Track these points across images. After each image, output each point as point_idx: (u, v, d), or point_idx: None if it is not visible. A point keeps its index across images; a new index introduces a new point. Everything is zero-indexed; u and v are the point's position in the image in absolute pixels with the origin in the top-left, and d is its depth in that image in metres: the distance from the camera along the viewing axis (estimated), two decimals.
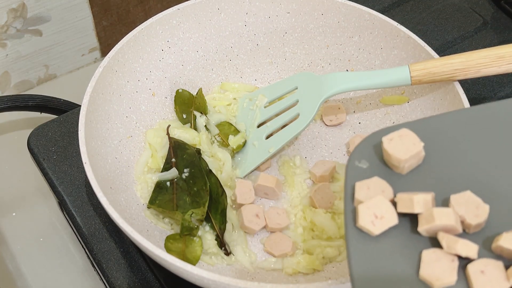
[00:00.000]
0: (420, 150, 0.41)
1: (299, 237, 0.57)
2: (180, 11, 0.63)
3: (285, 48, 0.69)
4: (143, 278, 0.56)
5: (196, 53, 0.66)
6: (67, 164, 0.63)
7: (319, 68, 0.68)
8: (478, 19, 0.79)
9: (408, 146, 0.41)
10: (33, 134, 0.65)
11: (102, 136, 0.57)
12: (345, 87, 0.58)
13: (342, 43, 0.66)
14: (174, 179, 0.58)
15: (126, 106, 0.61)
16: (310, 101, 0.59)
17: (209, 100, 0.66)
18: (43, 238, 0.69)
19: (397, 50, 0.63)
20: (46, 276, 0.66)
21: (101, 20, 0.84)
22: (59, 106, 0.73)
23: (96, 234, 0.58)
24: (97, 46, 0.87)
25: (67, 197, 0.61)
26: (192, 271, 0.45)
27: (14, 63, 0.81)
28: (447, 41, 0.76)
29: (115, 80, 0.60)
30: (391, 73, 0.56)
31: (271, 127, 0.62)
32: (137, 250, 0.57)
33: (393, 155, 0.41)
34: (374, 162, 0.43)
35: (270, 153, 0.60)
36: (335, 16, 0.65)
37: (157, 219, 0.57)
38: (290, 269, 0.55)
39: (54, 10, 0.79)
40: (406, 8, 0.80)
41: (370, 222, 0.39)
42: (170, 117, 0.65)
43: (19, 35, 0.78)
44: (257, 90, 0.67)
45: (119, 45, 0.60)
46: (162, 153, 0.61)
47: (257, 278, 0.55)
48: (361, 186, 0.40)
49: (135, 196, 0.58)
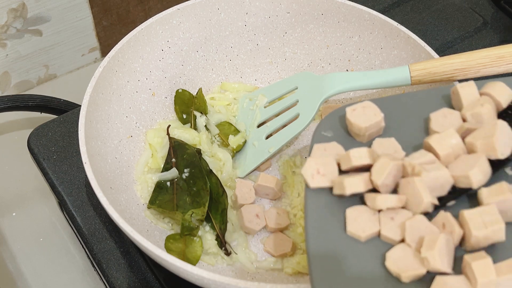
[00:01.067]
0: (380, 120, 0.44)
1: (299, 237, 0.57)
2: (180, 11, 0.63)
3: (285, 48, 0.69)
4: (143, 278, 0.56)
5: (196, 53, 0.66)
6: (67, 164, 0.63)
7: (319, 68, 0.68)
8: (478, 19, 0.79)
9: (369, 116, 0.44)
10: (33, 134, 0.65)
11: (102, 136, 0.57)
12: (345, 87, 0.58)
13: (342, 43, 0.66)
14: (174, 179, 0.58)
15: (126, 106, 0.61)
16: (310, 101, 0.59)
17: (209, 100, 0.66)
18: (43, 238, 0.69)
19: (397, 50, 0.63)
20: (46, 276, 0.66)
21: (101, 20, 0.84)
22: (59, 106, 0.73)
23: (96, 234, 0.58)
24: (97, 46, 0.87)
25: (67, 197, 0.61)
26: (192, 271, 0.45)
27: (14, 63, 0.81)
28: (447, 41, 0.76)
29: (115, 80, 0.60)
30: (391, 73, 0.56)
31: (271, 127, 0.62)
32: (137, 250, 0.57)
33: (354, 123, 0.44)
34: (339, 132, 0.46)
35: (270, 153, 0.60)
36: (335, 16, 0.65)
37: (157, 219, 0.57)
38: (290, 269, 0.55)
39: (54, 10, 0.79)
40: (406, 8, 0.80)
41: (310, 175, 0.41)
42: (170, 117, 0.65)
43: (19, 35, 0.78)
44: (257, 90, 0.67)
45: (119, 45, 0.60)
46: (162, 153, 0.61)
47: (257, 278, 0.55)
48: (319, 147, 0.43)
49: (135, 196, 0.58)
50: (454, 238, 0.38)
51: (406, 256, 0.38)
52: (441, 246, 0.37)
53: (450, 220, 0.39)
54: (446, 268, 0.37)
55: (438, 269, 0.37)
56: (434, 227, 0.39)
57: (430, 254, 0.37)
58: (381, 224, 0.39)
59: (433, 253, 0.36)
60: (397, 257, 0.38)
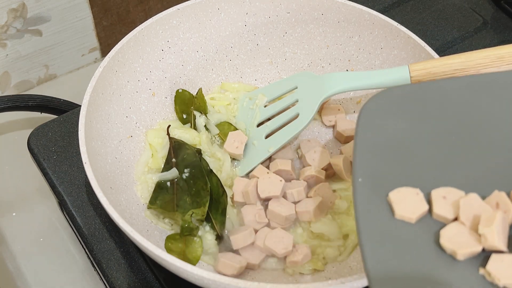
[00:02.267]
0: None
1: (299, 238, 0.57)
2: (180, 11, 0.63)
3: (285, 48, 0.69)
4: (143, 278, 0.56)
5: (196, 53, 0.66)
6: (67, 164, 0.63)
7: (319, 68, 0.68)
8: (478, 19, 0.79)
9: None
10: (33, 134, 0.65)
11: (102, 136, 0.57)
12: (345, 87, 0.58)
13: (342, 43, 0.66)
14: (174, 179, 0.58)
15: (126, 106, 0.61)
16: (310, 101, 0.59)
17: (209, 100, 0.66)
18: (43, 238, 0.69)
19: (397, 50, 0.63)
20: (46, 276, 0.66)
21: (101, 20, 0.84)
22: (59, 106, 0.73)
23: (96, 234, 0.58)
24: (97, 46, 0.87)
25: (67, 197, 0.61)
26: (192, 271, 0.45)
27: (14, 63, 0.81)
28: (447, 41, 0.76)
29: (115, 80, 0.60)
30: (391, 73, 0.56)
31: (270, 127, 0.62)
32: (137, 250, 0.57)
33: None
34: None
35: (270, 153, 0.61)
36: (335, 16, 0.65)
37: (157, 219, 0.57)
38: (291, 269, 0.55)
39: (54, 10, 0.79)
40: (406, 8, 0.80)
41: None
42: (170, 117, 0.65)
43: (19, 35, 0.78)
44: (257, 89, 0.67)
45: (119, 45, 0.60)
46: (163, 153, 0.61)
47: (257, 278, 0.55)
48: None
49: (135, 196, 0.58)
50: (509, 217, 0.38)
51: (461, 234, 0.38)
52: (498, 223, 0.37)
53: (504, 199, 0.38)
54: (502, 246, 0.37)
55: (495, 246, 0.37)
56: (488, 206, 0.38)
57: (488, 231, 0.36)
58: (433, 203, 0.39)
59: (491, 230, 0.36)
60: (452, 235, 0.38)
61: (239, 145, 0.61)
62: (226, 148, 0.61)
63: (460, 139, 0.43)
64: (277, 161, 0.60)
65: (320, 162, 0.61)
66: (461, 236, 0.38)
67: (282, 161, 0.60)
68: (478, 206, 0.38)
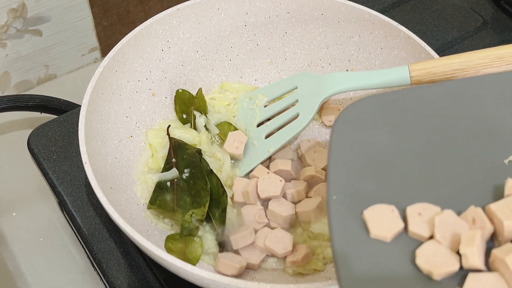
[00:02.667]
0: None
1: (299, 238, 0.57)
2: (180, 11, 0.63)
3: (285, 48, 0.69)
4: (143, 278, 0.56)
5: (196, 53, 0.66)
6: (67, 164, 0.63)
7: (319, 68, 0.68)
8: (478, 19, 0.79)
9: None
10: (33, 134, 0.65)
11: (102, 136, 0.57)
12: (345, 87, 0.58)
13: (342, 43, 0.66)
14: (174, 179, 0.58)
15: (126, 106, 0.61)
16: (310, 101, 0.59)
17: (209, 100, 0.66)
18: (43, 238, 0.69)
19: (397, 50, 0.63)
20: (46, 276, 0.66)
21: (101, 20, 0.84)
22: (59, 106, 0.73)
23: (96, 234, 0.58)
24: (97, 46, 0.87)
25: (67, 197, 0.61)
26: (192, 271, 0.45)
27: (14, 63, 0.81)
28: (447, 41, 0.76)
29: (115, 80, 0.60)
30: (390, 73, 0.56)
31: (270, 127, 0.62)
32: (137, 250, 0.57)
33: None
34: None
35: (270, 153, 0.60)
36: (335, 16, 0.65)
37: (157, 219, 0.57)
38: (291, 269, 0.55)
39: (54, 10, 0.79)
40: (406, 8, 0.80)
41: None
42: (170, 117, 0.65)
43: (19, 35, 0.78)
44: (257, 90, 0.67)
45: (119, 45, 0.60)
46: (163, 154, 0.61)
47: (257, 278, 0.55)
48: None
49: (135, 196, 0.58)
50: (485, 233, 0.37)
51: (437, 253, 0.37)
52: (479, 243, 0.36)
53: (480, 215, 0.38)
54: (481, 265, 0.36)
55: (475, 266, 0.36)
56: (464, 222, 0.38)
57: (469, 252, 0.36)
58: (408, 220, 0.38)
59: (472, 250, 0.36)
60: (428, 254, 0.37)
61: (239, 145, 0.61)
62: (226, 148, 0.61)
63: (437, 151, 0.42)
64: (277, 161, 0.60)
65: (320, 162, 0.61)
66: (437, 256, 0.37)
67: (282, 161, 0.60)
68: (454, 223, 0.38)
